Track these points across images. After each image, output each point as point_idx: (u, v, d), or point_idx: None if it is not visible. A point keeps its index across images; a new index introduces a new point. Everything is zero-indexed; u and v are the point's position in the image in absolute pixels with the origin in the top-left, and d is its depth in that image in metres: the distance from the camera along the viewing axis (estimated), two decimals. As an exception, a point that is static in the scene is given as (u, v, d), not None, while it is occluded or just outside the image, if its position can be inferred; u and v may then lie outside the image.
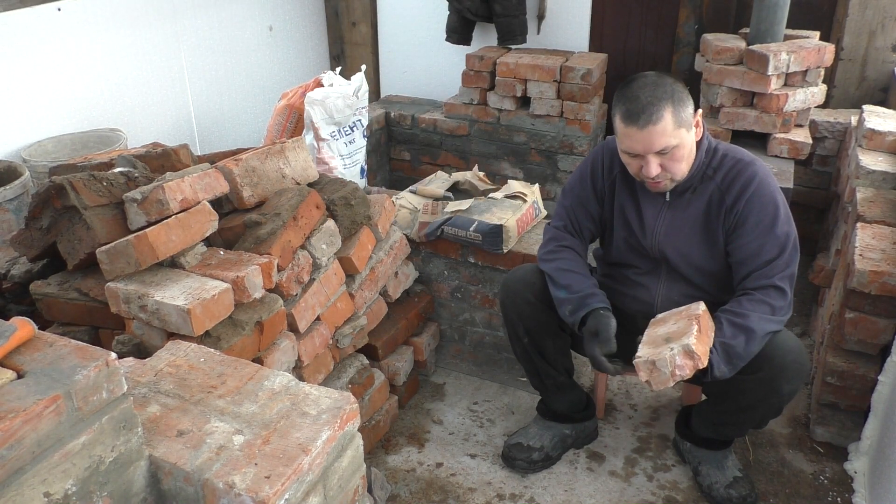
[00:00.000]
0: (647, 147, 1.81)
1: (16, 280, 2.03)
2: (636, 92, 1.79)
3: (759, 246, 1.86)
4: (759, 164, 1.91)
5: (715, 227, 1.92)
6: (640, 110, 1.77)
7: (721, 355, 1.79)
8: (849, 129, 3.10)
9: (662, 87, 1.78)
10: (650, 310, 2.06)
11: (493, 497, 2.18)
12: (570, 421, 2.30)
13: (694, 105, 1.85)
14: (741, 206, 1.87)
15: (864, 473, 2.16)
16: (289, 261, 1.96)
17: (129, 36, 3.33)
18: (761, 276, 1.86)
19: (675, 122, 1.78)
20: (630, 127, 1.79)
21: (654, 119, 1.76)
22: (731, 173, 1.90)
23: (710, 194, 1.92)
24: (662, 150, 1.81)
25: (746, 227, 1.87)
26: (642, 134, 1.78)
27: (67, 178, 1.82)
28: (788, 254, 1.85)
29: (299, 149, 2.22)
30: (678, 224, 1.96)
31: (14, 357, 1.04)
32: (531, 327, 2.10)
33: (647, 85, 1.79)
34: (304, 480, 1.19)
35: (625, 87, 1.84)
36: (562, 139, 3.66)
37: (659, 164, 1.83)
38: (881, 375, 2.08)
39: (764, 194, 1.87)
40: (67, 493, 1.02)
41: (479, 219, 2.45)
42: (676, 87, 1.81)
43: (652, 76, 1.83)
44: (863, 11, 3.32)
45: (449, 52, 4.08)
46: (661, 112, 1.76)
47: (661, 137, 1.78)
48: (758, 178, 1.87)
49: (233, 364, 1.42)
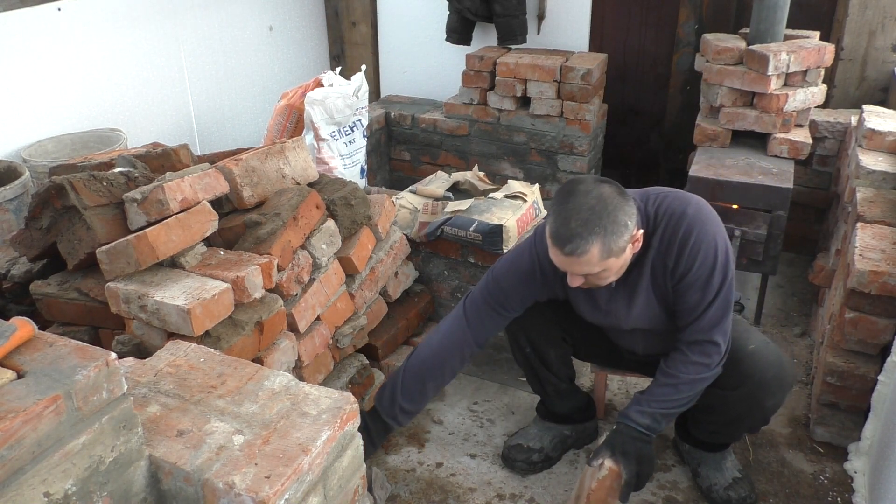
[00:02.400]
0: (571, 269, 1.73)
1: (16, 280, 2.03)
2: (569, 213, 1.66)
3: (698, 299, 1.81)
4: (691, 211, 1.79)
5: (665, 289, 1.86)
6: (567, 239, 1.65)
7: (644, 411, 1.84)
8: (849, 129, 3.10)
9: (597, 216, 1.64)
10: (633, 349, 2.09)
11: (493, 497, 2.18)
12: (571, 422, 2.30)
13: (636, 222, 1.72)
14: (682, 266, 1.80)
15: (864, 473, 2.16)
16: (289, 261, 1.96)
17: (129, 36, 3.33)
18: (698, 330, 1.83)
19: (602, 254, 1.66)
20: (555, 248, 1.69)
21: (579, 252, 1.65)
22: (667, 233, 1.79)
23: (652, 263, 1.84)
24: (586, 274, 1.74)
25: (686, 281, 1.81)
26: (567, 259, 1.69)
27: (67, 178, 1.82)
28: (722, 298, 1.80)
29: (299, 149, 2.22)
30: (634, 300, 1.90)
31: (14, 357, 1.04)
32: (534, 337, 2.10)
33: (582, 209, 1.65)
34: (304, 480, 1.19)
35: (561, 200, 1.70)
36: (562, 139, 3.66)
37: (582, 279, 1.76)
38: (881, 375, 2.08)
39: (700, 246, 1.78)
40: (67, 493, 1.02)
41: (479, 219, 2.45)
42: (613, 216, 1.66)
43: (592, 195, 1.67)
44: (863, 11, 3.32)
45: (449, 52, 4.08)
46: (588, 246, 1.64)
47: (585, 267, 1.69)
48: (694, 231, 1.77)
49: (233, 364, 1.42)
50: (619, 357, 2.19)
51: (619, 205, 1.68)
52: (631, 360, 2.18)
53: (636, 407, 1.86)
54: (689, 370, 1.84)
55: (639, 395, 1.90)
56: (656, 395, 1.87)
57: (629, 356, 2.15)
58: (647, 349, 2.06)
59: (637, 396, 1.89)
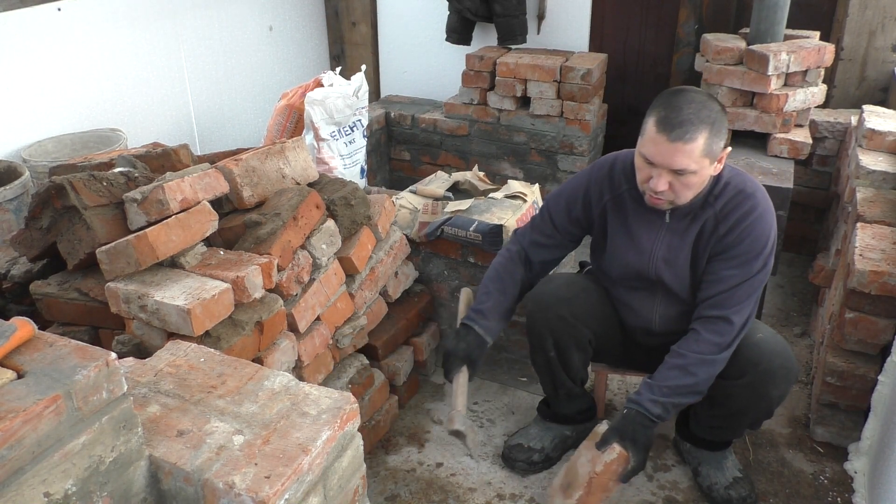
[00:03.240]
0: (667, 161, 1.74)
1: (16, 280, 2.03)
2: (681, 103, 1.71)
3: (732, 274, 1.84)
4: (760, 196, 1.86)
5: (702, 252, 1.89)
6: (678, 123, 1.69)
7: (657, 401, 1.84)
8: (849, 129, 3.10)
9: (708, 111, 1.71)
10: (649, 325, 2.07)
11: (493, 497, 2.18)
12: (572, 422, 2.30)
13: (727, 141, 1.79)
14: (732, 237, 1.83)
15: (864, 473, 2.16)
16: (289, 261, 1.96)
17: (129, 36, 3.33)
18: (719, 304, 1.85)
19: (704, 149, 1.71)
20: (661, 134, 1.71)
21: (688, 138, 1.69)
22: (731, 203, 1.84)
23: (705, 220, 1.87)
24: (679, 171, 1.74)
25: (731, 252, 1.84)
26: (669, 147, 1.71)
27: (67, 178, 1.82)
28: (753, 283, 1.83)
29: (299, 149, 2.22)
30: (675, 248, 1.93)
31: (14, 357, 1.04)
32: (560, 341, 2.08)
33: (695, 102, 1.72)
34: (304, 480, 1.19)
35: (671, 95, 1.76)
36: (562, 139, 3.66)
37: (668, 182, 1.77)
38: (881, 375, 2.08)
39: (756, 229, 1.82)
40: (67, 493, 1.02)
41: (479, 219, 2.45)
42: (720, 117, 1.74)
43: (702, 95, 1.75)
44: (863, 11, 3.32)
45: (449, 52, 4.08)
46: (697, 134, 1.69)
47: (685, 158, 1.72)
48: (756, 212, 1.83)
49: (233, 364, 1.42)
50: (633, 352, 2.17)
51: (723, 111, 1.77)
52: (643, 355, 2.15)
53: (649, 395, 1.84)
54: (701, 348, 1.83)
55: (648, 381, 1.87)
56: (667, 380, 1.84)
57: (644, 338, 2.11)
58: (663, 325, 2.04)
59: (647, 383, 1.87)
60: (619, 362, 2.27)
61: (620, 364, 2.28)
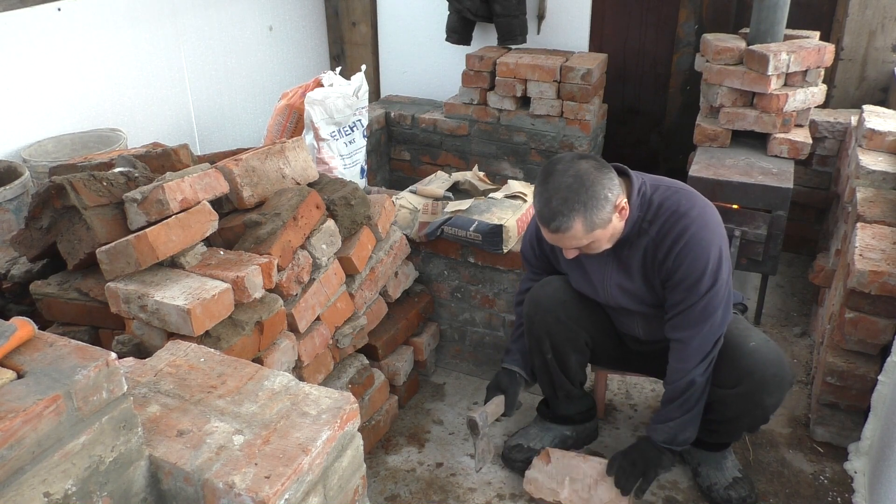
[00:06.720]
0: (561, 244, 1.82)
1: (16, 280, 2.03)
2: (550, 193, 1.72)
3: (681, 298, 1.86)
4: (695, 213, 1.82)
5: (653, 276, 1.90)
6: (550, 217, 1.72)
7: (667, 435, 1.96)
8: (849, 129, 3.10)
9: (575, 193, 1.70)
10: (635, 335, 2.13)
11: (493, 497, 2.18)
12: (571, 423, 2.30)
13: (618, 189, 1.76)
14: (670, 263, 1.83)
15: (864, 473, 2.16)
16: (289, 261, 1.96)
17: (129, 36, 3.33)
18: (676, 326, 1.90)
19: (586, 228, 1.73)
20: (543, 227, 1.78)
21: (563, 228, 1.72)
22: (665, 227, 1.83)
23: (645, 247, 1.88)
24: (577, 248, 1.82)
25: (673, 279, 1.85)
26: (555, 236, 1.78)
27: (67, 178, 1.82)
28: (707, 303, 1.83)
29: (299, 149, 2.22)
30: (626, 276, 1.94)
31: (14, 357, 1.04)
32: (557, 344, 2.11)
33: (561, 189, 1.71)
34: (304, 480, 1.19)
35: (542, 181, 1.76)
36: (562, 139, 3.66)
37: (576, 250, 1.84)
38: (881, 375, 2.08)
39: (693, 251, 1.80)
40: (67, 493, 1.02)
41: (479, 219, 2.45)
42: (593, 191, 1.70)
43: (570, 173, 1.72)
44: (863, 11, 3.32)
45: (449, 52, 4.08)
46: (570, 223, 1.71)
47: (573, 241, 1.77)
48: (689, 232, 1.80)
49: (233, 364, 1.42)
50: (629, 355, 2.21)
51: (597, 179, 1.73)
52: (639, 358, 2.19)
53: (654, 425, 2.01)
54: (673, 377, 1.94)
55: (653, 418, 2.04)
56: (670, 416, 1.97)
57: (634, 345, 2.16)
58: (648, 334, 2.08)
59: (652, 419, 2.04)
60: (618, 364, 2.28)
61: (619, 365, 2.29)
